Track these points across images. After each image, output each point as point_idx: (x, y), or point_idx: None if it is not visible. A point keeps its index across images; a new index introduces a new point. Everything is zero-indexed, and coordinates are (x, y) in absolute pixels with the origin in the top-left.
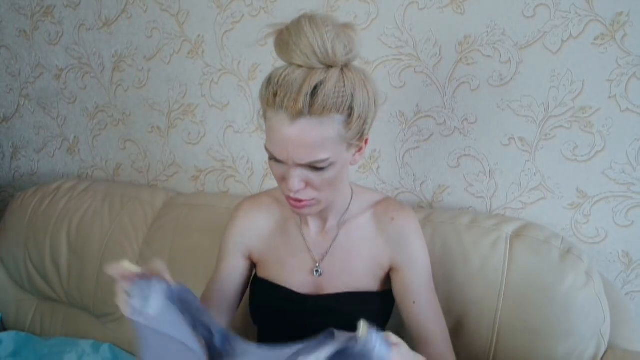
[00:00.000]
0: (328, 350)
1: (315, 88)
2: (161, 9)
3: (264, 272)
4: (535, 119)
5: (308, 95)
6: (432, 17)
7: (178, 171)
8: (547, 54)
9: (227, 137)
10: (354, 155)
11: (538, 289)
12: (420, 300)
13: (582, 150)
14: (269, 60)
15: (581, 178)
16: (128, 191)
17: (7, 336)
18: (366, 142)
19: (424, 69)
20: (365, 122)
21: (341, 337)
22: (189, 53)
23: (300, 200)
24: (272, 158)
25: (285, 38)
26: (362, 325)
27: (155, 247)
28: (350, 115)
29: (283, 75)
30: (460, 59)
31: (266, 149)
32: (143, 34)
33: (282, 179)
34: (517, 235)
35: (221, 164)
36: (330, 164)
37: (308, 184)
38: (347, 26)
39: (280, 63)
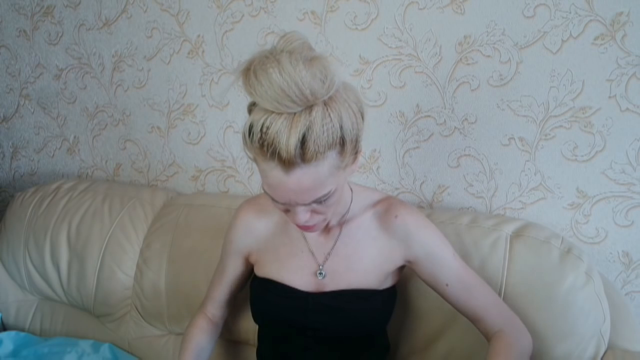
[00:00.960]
0: None
1: (304, 136)
2: (161, 8)
3: (264, 271)
4: (535, 119)
5: (298, 147)
6: (432, 17)
7: (178, 171)
8: (547, 54)
9: (227, 137)
10: (351, 167)
11: (538, 289)
12: (452, 281)
13: (582, 150)
14: None
15: (581, 178)
16: (128, 191)
17: (7, 336)
18: (360, 152)
19: (424, 69)
20: (357, 140)
21: None
22: (189, 53)
23: (308, 226)
24: (274, 200)
25: (256, 87)
26: None
27: (155, 247)
28: (342, 145)
29: (265, 125)
30: (460, 59)
31: (265, 192)
32: (143, 34)
33: (286, 211)
34: (517, 235)
35: (221, 164)
36: (333, 193)
37: (314, 212)
38: (317, 59)
39: None
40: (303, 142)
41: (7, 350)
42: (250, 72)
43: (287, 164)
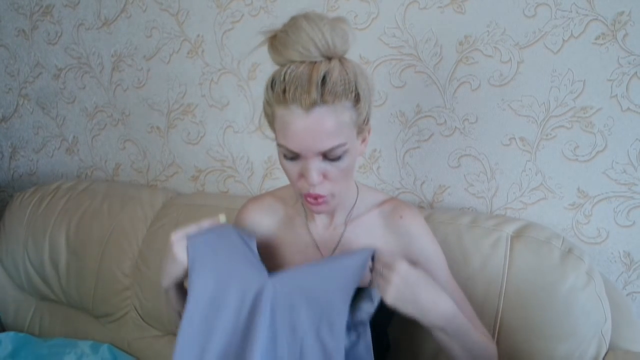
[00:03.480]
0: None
1: (324, 78)
2: (160, 8)
3: (267, 267)
4: (536, 119)
5: (319, 85)
6: (432, 16)
7: (178, 171)
8: (548, 54)
9: (226, 137)
10: (360, 144)
11: (539, 289)
12: None
13: (583, 150)
14: (269, 60)
15: (582, 178)
16: (127, 191)
17: (6, 337)
18: (369, 131)
19: (424, 69)
20: (369, 106)
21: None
22: (188, 53)
23: (318, 197)
24: (287, 156)
25: (283, 39)
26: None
27: (155, 247)
28: (357, 100)
29: (288, 72)
30: (461, 58)
31: (280, 146)
32: (142, 33)
33: (299, 177)
34: (517, 235)
35: (221, 164)
36: (345, 152)
37: (325, 176)
38: (339, 20)
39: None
40: (323, 82)
41: (6, 351)
42: (276, 32)
43: (308, 102)
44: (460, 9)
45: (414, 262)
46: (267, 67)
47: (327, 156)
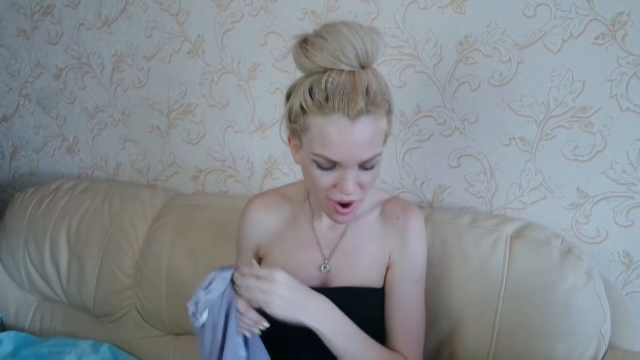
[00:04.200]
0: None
1: (367, 86)
2: (161, 8)
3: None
4: (535, 119)
5: (364, 93)
6: (432, 16)
7: (178, 171)
8: (547, 54)
9: (227, 137)
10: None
11: (538, 289)
12: (396, 299)
13: (582, 150)
14: (269, 60)
15: (582, 178)
16: (128, 191)
17: (7, 336)
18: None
19: (424, 69)
20: (392, 124)
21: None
22: (188, 53)
23: (350, 203)
24: (324, 166)
25: (318, 43)
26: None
27: (155, 247)
28: (389, 110)
29: (329, 80)
30: (461, 58)
31: (316, 155)
32: (143, 33)
33: (332, 186)
34: (517, 235)
35: (221, 164)
36: (378, 161)
37: (359, 185)
38: (374, 30)
39: (282, 63)
40: (367, 92)
41: (7, 350)
42: (308, 37)
43: (355, 111)
44: (460, 9)
45: (392, 264)
46: (267, 67)
47: (363, 165)
